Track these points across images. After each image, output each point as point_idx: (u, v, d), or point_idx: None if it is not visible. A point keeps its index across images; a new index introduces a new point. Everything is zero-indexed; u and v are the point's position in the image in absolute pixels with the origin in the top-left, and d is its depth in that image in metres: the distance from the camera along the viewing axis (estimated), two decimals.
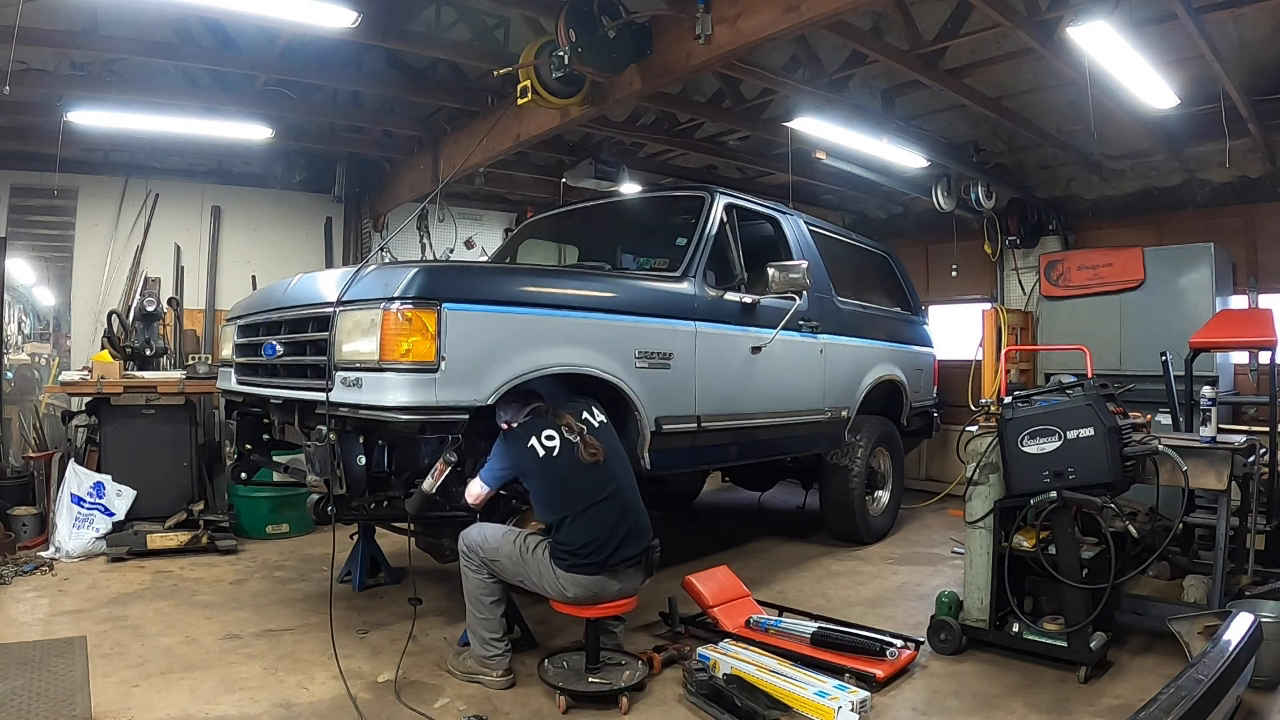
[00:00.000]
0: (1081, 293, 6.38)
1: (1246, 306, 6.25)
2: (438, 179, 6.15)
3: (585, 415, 3.14)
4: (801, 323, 4.67)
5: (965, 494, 3.60)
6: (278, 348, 3.37)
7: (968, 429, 3.72)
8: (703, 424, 3.91)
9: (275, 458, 4.20)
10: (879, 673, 3.11)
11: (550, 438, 3.00)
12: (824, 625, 3.53)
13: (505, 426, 3.10)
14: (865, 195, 8.16)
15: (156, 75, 5.25)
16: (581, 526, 2.91)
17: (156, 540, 4.89)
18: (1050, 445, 3.24)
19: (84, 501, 4.93)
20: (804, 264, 4.11)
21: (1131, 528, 3.30)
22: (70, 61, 5.01)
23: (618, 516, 2.99)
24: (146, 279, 6.44)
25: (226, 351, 4.05)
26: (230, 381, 3.96)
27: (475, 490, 3.09)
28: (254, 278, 6.80)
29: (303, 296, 3.41)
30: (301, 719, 2.81)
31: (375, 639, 3.58)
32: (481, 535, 3.10)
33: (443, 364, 2.86)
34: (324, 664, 3.22)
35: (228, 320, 4.15)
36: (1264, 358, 5.16)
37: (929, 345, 6.50)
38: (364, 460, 3.19)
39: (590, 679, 2.99)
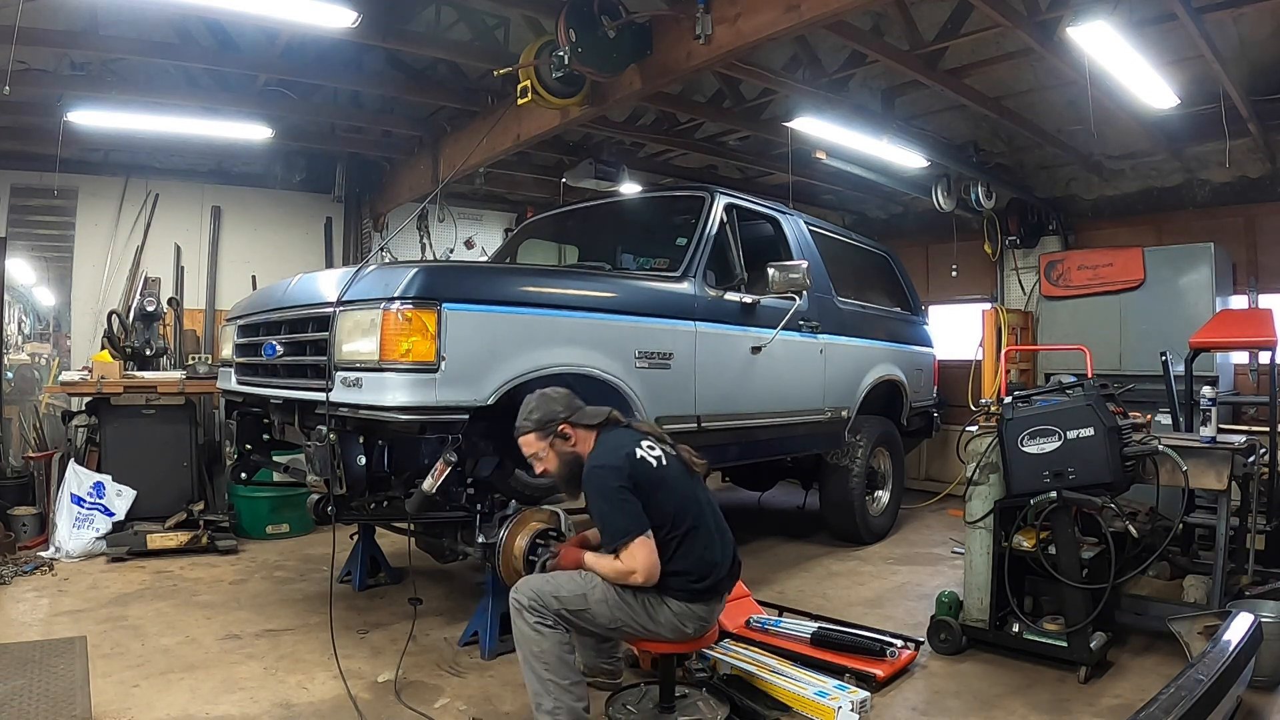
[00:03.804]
0: (1081, 293, 6.38)
1: (1246, 306, 6.25)
2: (438, 179, 6.15)
3: None
4: (801, 323, 4.67)
5: (965, 494, 3.60)
6: (278, 348, 3.37)
7: (968, 429, 3.72)
8: (703, 424, 3.91)
9: (275, 458, 4.20)
10: (879, 673, 3.11)
11: (651, 447, 2.58)
12: (824, 625, 3.53)
13: (568, 427, 2.61)
14: (865, 195, 8.15)
15: (156, 75, 5.26)
16: (695, 546, 2.50)
17: (156, 540, 4.90)
18: (1050, 445, 3.24)
19: (84, 501, 4.93)
20: (804, 264, 4.12)
21: (1131, 528, 3.29)
22: (70, 61, 5.01)
23: (717, 530, 2.60)
24: (146, 279, 6.44)
25: (226, 351, 4.05)
26: (230, 381, 3.96)
27: (642, 554, 2.38)
28: (254, 278, 6.81)
29: (303, 296, 3.42)
30: (301, 719, 2.82)
31: (375, 639, 3.58)
32: (552, 586, 2.50)
33: (443, 364, 2.86)
34: (324, 664, 3.22)
35: (228, 320, 4.15)
36: (1264, 358, 5.16)
37: (929, 345, 6.50)
38: (364, 460, 3.19)
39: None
